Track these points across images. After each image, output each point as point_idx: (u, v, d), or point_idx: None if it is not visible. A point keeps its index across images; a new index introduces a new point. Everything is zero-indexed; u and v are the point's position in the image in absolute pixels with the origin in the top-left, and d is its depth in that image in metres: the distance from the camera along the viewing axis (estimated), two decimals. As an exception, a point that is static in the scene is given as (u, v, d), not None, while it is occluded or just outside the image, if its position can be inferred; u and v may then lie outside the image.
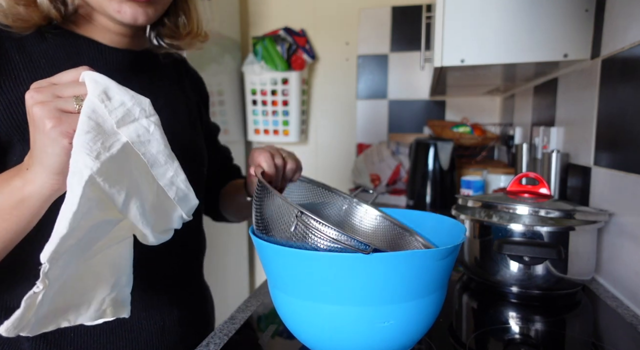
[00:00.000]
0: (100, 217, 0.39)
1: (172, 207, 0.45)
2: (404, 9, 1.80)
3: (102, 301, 0.45)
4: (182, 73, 0.74)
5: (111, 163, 0.38)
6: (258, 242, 0.46)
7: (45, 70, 0.54)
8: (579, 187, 0.91)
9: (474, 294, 0.74)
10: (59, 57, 0.55)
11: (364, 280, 0.41)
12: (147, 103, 0.42)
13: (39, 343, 0.55)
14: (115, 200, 0.39)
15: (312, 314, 0.44)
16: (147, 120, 0.41)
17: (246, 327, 0.62)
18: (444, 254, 0.43)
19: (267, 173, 0.60)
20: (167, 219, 0.46)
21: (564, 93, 1.03)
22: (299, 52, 1.84)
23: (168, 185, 0.43)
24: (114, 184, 0.39)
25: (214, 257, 1.64)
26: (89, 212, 0.37)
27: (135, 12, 0.54)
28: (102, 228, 0.41)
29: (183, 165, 0.44)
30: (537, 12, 0.85)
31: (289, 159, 0.64)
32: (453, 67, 0.92)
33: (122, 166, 0.40)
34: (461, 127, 1.64)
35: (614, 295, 0.73)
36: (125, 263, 0.47)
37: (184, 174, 0.44)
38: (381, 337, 0.43)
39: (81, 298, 0.43)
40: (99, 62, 0.59)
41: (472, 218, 0.75)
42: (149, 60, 0.66)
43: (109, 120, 0.39)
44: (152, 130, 0.41)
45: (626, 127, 0.71)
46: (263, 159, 0.60)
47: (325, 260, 0.41)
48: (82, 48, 0.58)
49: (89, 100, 0.39)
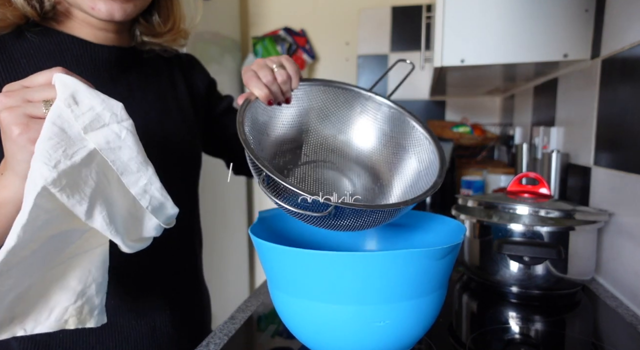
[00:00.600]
0: (63, 227, 0.38)
1: (148, 216, 0.44)
2: (404, 9, 1.80)
3: (64, 310, 0.43)
4: (174, 68, 0.73)
5: (72, 171, 0.37)
6: (257, 241, 0.46)
7: (25, 69, 0.53)
8: (579, 187, 0.91)
9: (474, 294, 0.74)
10: (40, 56, 0.54)
11: (361, 279, 0.41)
12: (119, 107, 0.40)
13: (27, 344, 0.55)
14: (77, 211, 0.37)
15: (311, 313, 0.44)
16: (119, 125, 0.40)
17: (246, 327, 0.62)
18: (442, 253, 0.43)
19: (261, 98, 0.53)
20: (141, 228, 0.44)
21: (564, 93, 1.03)
22: (299, 52, 1.84)
23: (140, 194, 0.41)
24: (73, 193, 0.36)
25: (214, 257, 1.64)
26: (46, 224, 0.36)
27: (110, 8, 0.53)
28: (67, 237, 0.39)
29: (171, 167, 0.43)
30: (537, 12, 0.85)
31: (279, 68, 0.55)
32: (453, 67, 0.92)
33: (87, 174, 0.38)
34: (461, 127, 1.64)
35: (613, 295, 0.73)
36: (97, 271, 0.45)
37: (159, 182, 0.42)
38: (379, 337, 0.43)
39: (42, 306, 0.42)
40: (84, 58, 0.57)
41: (472, 218, 0.75)
42: (138, 57, 0.65)
43: (75, 126, 0.37)
44: (124, 136, 0.40)
45: (626, 127, 0.71)
46: (252, 84, 0.53)
47: (323, 258, 0.41)
48: (64, 45, 0.56)
49: (55, 104, 0.37)
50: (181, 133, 0.68)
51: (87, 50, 0.58)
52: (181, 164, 0.68)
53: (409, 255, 0.41)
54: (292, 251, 0.42)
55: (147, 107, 0.64)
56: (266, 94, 0.53)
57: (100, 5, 0.53)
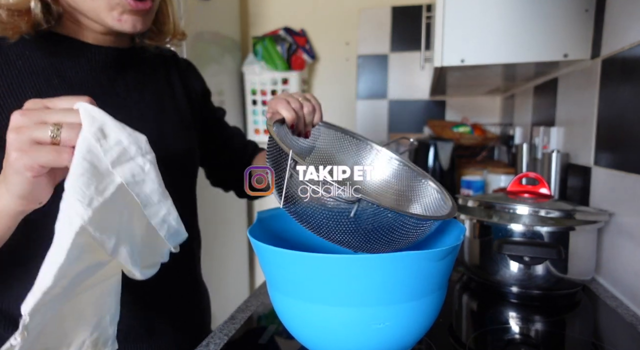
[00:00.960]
0: (88, 261, 0.38)
1: (162, 244, 0.44)
2: (404, 9, 1.80)
3: (81, 343, 0.43)
4: (170, 69, 0.73)
5: (104, 208, 0.37)
6: (256, 244, 0.46)
7: (22, 71, 0.53)
8: (579, 187, 0.91)
9: (474, 294, 0.74)
10: (35, 57, 0.54)
11: (361, 281, 0.41)
12: (143, 140, 0.40)
13: None
14: (106, 246, 0.37)
15: (311, 316, 0.44)
16: (143, 158, 0.40)
17: (246, 327, 0.62)
18: (442, 255, 0.42)
19: (288, 119, 0.56)
20: (155, 255, 0.45)
21: (564, 93, 1.03)
22: (299, 52, 1.84)
23: (160, 224, 0.42)
24: (104, 230, 0.37)
25: (214, 257, 1.64)
26: (76, 260, 0.36)
27: (135, 21, 0.55)
28: (91, 270, 0.39)
29: (169, 167, 0.43)
30: (537, 12, 0.85)
31: (305, 101, 0.59)
32: (453, 67, 0.92)
33: (114, 209, 0.38)
34: (461, 127, 1.64)
35: (613, 295, 0.73)
36: (111, 301, 0.45)
37: (176, 211, 0.43)
38: (379, 338, 0.43)
39: (60, 341, 0.42)
40: (81, 59, 0.57)
41: (472, 218, 0.75)
42: (134, 57, 0.65)
43: (104, 161, 0.37)
44: (147, 169, 0.40)
45: (626, 127, 0.71)
46: (281, 106, 0.57)
47: (324, 261, 0.41)
48: (61, 47, 0.56)
49: (84, 138, 0.37)
50: (179, 133, 0.68)
51: (84, 52, 0.58)
52: (180, 164, 0.68)
53: (408, 257, 0.41)
54: (292, 254, 0.42)
55: (144, 107, 0.64)
56: (293, 117, 0.57)
57: (126, 18, 0.54)
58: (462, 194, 1.30)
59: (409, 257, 0.41)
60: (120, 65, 0.62)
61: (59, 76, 0.55)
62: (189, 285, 0.73)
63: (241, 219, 1.93)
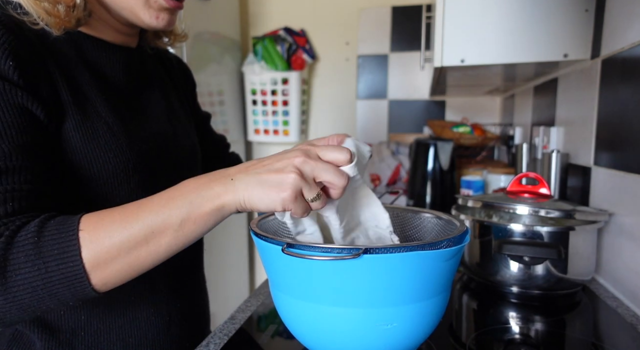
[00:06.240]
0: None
1: None
2: (404, 9, 1.80)
3: None
4: (167, 66, 0.75)
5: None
6: (259, 243, 0.46)
7: (73, 60, 0.54)
8: (579, 187, 0.91)
9: (474, 294, 0.74)
10: (75, 53, 0.55)
11: (369, 281, 0.40)
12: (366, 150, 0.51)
13: (51, 343, 0.55)
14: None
15: (315, 316, 0.44)
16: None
17: (246, 327, 0.62)
18: (450, 254, 0.42)
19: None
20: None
21: (564, 93, 1.03)
22: (299, 52, 1.84)
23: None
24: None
25: (214, 256, 1.64)
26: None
27: (170, 19, 0.57)
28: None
29: (180, 166, 0.43)
30: (537, 12, 0.85)
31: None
32: (453, 67, 0.92)
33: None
34: (461, 127, 1.64)
35: (614, 295, 0.73)
36: None
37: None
38: (384, 340, 0.43)
39: None
40: (103, 60, 0.58)
41: (472, 218, 0.75)
42: (141, 56, 0.66)
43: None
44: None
45: (626, 127, 0.71)
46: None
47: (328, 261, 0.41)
48: (84, 45, 0.57)
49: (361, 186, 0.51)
50: (185, 130, 0.70)
51: (106, 51, 0.59)
52: (187, 160, 0.69)
53: (417, 256, 0.40)
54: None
55: (157, 106, 0.65)
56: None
57: (164, 15, 0.56)
58: (462, 194, 1.30)
59: (419, 256, 0.40)
60: (132, 65, 0.63)
61: (100, 75, 0.57)
62: (195, 278, 0.74)
63: (241, 218, 1.93)
